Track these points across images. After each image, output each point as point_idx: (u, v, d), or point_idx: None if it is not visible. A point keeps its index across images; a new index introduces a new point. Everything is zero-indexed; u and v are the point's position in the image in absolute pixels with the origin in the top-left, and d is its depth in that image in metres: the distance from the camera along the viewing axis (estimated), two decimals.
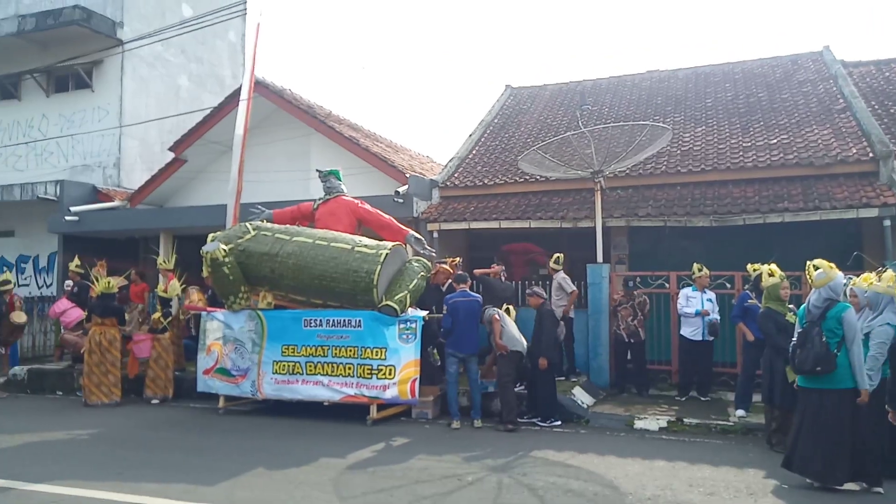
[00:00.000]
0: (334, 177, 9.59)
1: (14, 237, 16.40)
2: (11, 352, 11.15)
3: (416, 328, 7.80)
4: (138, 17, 16.52)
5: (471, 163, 13.10)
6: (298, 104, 13.68)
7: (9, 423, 7.84)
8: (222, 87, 18.47)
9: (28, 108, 17.03)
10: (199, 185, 14.83)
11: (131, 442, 6.97)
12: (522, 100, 15.92)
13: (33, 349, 12.77)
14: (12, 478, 5.41)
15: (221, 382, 8.49)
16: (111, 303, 9.44)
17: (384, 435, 7.12)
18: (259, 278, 8.52)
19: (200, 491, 5.09)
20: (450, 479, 5.48)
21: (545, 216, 10.71)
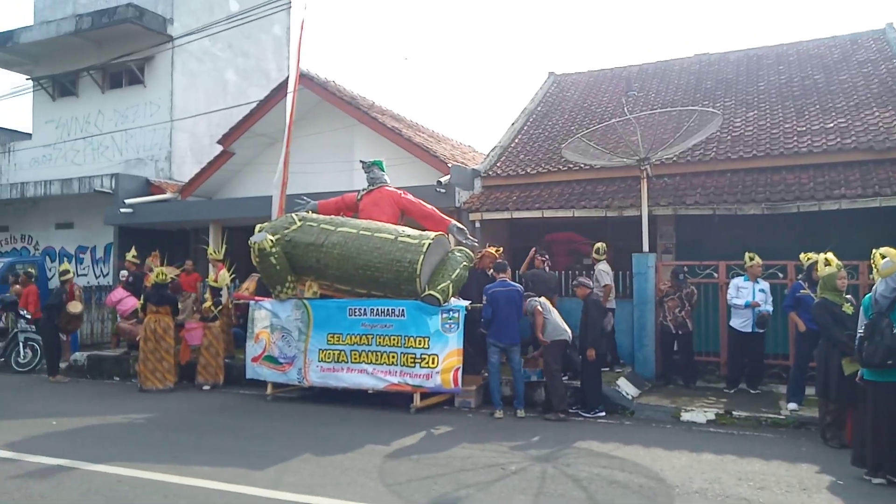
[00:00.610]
0: (378, 167, 9.66)
1: (73, 229, 17.12)
2: (72, 339, 11.67)
3: (458, 318, 7.82)
4: (187, 13, 16.93)
5: (513, 152, 13.00)
6: (342, 96, 13.80)
7: (71, 407, 8.21)
8: (268, 80, 18.79)
9: (85, 104, 17.70)
10: (247, 176, 15.16)
11: (184, 426, 7.22)
12: (566, 87, 15.69)
13: (92, 336, 13.33)
14: (76, 458, 5.68)
15: (269, 370, 8.69)
16: (165, 292, 9.76)
17: (427, 423, 7.18)
18: (305, 268, 8.67)
19: (251, 475, 5.23)
20: (493, 469, 5.50)
21: (589, 205, 10.55)
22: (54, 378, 10.39)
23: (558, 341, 7.66)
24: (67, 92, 17.97)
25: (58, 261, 16.68)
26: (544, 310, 7.71)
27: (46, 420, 7.34)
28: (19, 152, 18.50)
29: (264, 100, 14.32)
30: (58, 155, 17.74)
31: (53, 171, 17.16)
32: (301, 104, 12.54)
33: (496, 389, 7.71)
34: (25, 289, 11.72)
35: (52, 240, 17.41)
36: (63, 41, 16.86)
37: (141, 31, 16.02)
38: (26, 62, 18.30)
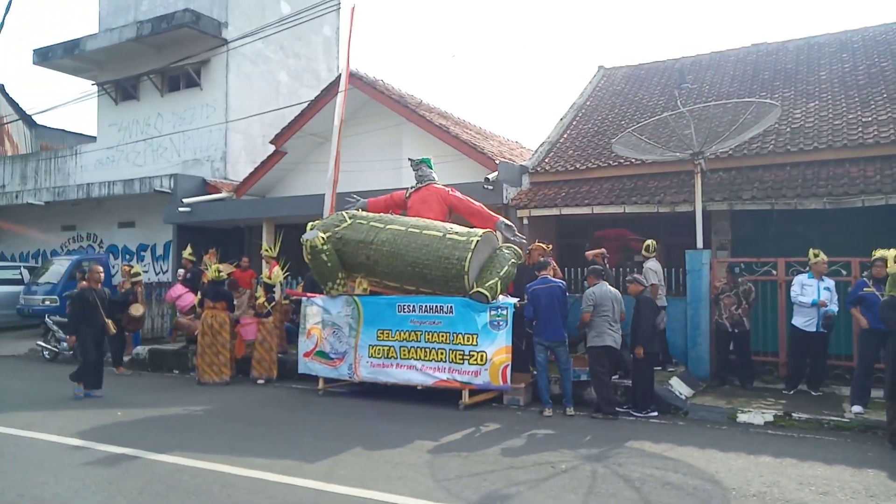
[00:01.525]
0: (426, 165, 9.71)
1: (134, 227, 17.84)
2: (134, 333, 12.16)
3: (507, 315, 7.80)
4: (241, 17, 17.38)
5: (562, 147, 12.86)
6: (390, 94, 13.92)
7: (134, 398, 8.57)
8: (318, 80, 19.12)
9: (145, 107, 18.39)
10: (298, 175, 15.47)
11: (240, 418, 7.44)
12: (616, 81, 15.41)
13: (152, 331, 13.86)
14: (140, 447, 5.93)
15: (321, 365, 8.86)
16: (221, 288, 10.07)
17: (476, 420, 7.20)
18: (355, 265, 8.80)
19: (304, 468, 5.36)
20: (543, 467, 5.47)
21: (640, 201, 10.35)
22: (118, 370, 10.86)
23: (596, 347, 7.53)
24: (129, 96, 18.71)
25: (120, 258, 17.42)
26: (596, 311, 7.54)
27: (112, 411, 7.69)
28: (85, 154, 19.38)
29: (315, 100, 14.58)
30: (120, 157, 18.50)
31: (116, 172, 17.91)
32: (350, 103, 12.71)
33: (544, 388, 7.66)
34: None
35: (115, 238, 18.18)
36: (125, 47, 17.56)
37: (197, 36, 16.54)
38: (92, 68, 19.15)
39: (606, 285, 7.76)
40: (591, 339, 7.56)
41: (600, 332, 7.52)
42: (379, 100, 13.91)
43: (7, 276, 16.19)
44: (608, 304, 7.57)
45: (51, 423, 6.94)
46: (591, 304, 7.54)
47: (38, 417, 7.27)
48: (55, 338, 12.21)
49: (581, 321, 7.63)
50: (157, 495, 4.71)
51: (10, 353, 13.18)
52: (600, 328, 7.52)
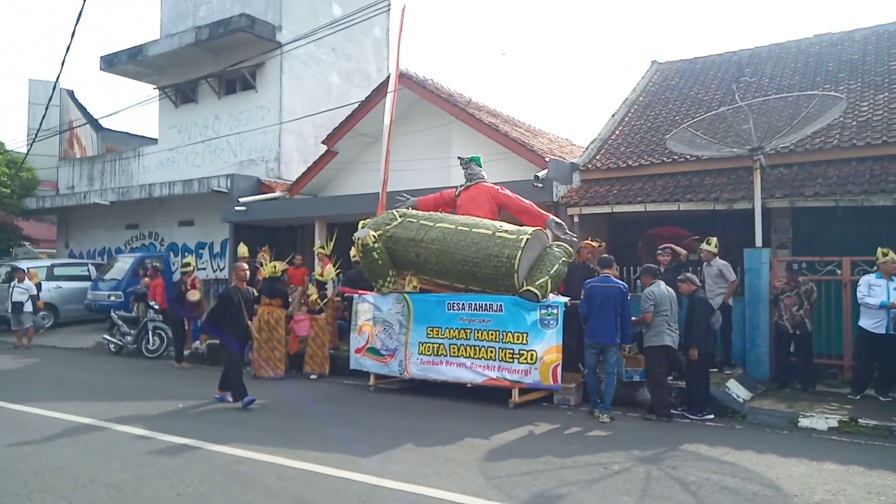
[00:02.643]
0: (475, 163, 9.71)
1: (194, 226, 18.47)
2: (193, 329, 12.60)
3: (557, 314, 7.74)
4: (294, 20, 17.77)
5: (613, 144, 12.66)
6: (440, 93, 13.98)
7: (194, 391, 8.88)
8: (368, 81, 19.37)
9: (203, 109, 19.02)
10: (350, 175, 15.72)
11: (294, 413, 7.62)
12: (670, 75, 15.06)
13: None
14: (200, 438, 6.15)
15: (372, 361, 8.99)
16: (277, 285, 10.33)
17: (526, 419, 7.17)
18: (405, 263, 8.88)
19: (357, 462, 5.45)
20: (595, 468, 5.41)
21: (696, 198, 10.09)
22: (179, 364, 11.27)
23: (654, 346, 7.39)
24: (188, 99, 19.37)
25: (180, 256, 18.07)
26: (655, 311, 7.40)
27: (173, 402, 7.99)
28: (147, 156, 20.18)
29: (365, 100, 14.78)
30: (180, 158, 19.19)
31: (176, 173, 18.59)
32: (400, 103, 12.83)
33: (594, 389, 7.52)
34: (153, 281, 12.79)
35: (176, 236, 18.87)
36: (184, 52, 18.19)
37: (253, 40, 16.99)
38: (153, 73, 19.92)
39: (663, 284, 7.60)
40: (650, 338, 7.41)
41: (659, 332, 7.37)
42: (428, 99, 13.99)
43: (76, 273, 17.00)
44: (667, 304, 7.43)
45: (117, 413, 7.27)
46: (652, 304, 7.41)
47: (106, 408, 7.61)
48: (120, 332, 12.76)
49: (640, 320, 7.49)
50: (217, 485, 4.88)
51: (79, 346, 13.84)
52: (659, 327, 7.37)
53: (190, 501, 4.57)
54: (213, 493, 4.71)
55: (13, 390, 8.64)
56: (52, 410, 7.38)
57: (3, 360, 11.66)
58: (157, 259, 15.58)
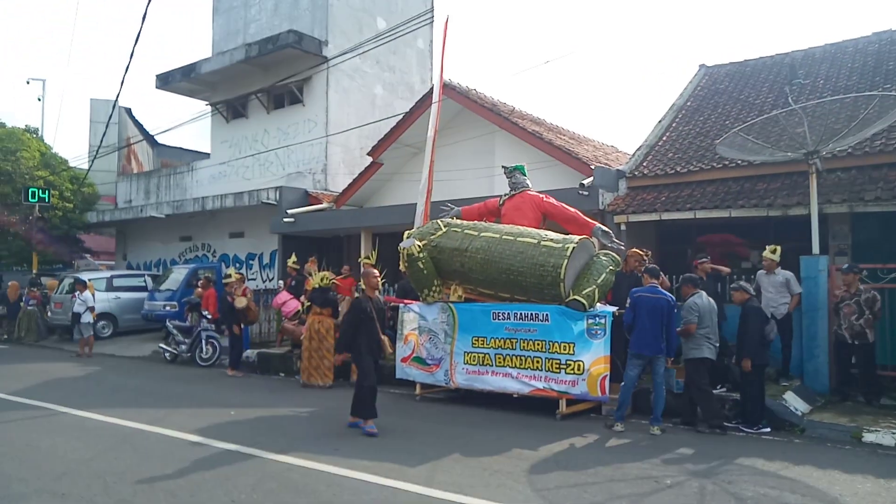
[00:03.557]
0: (519, 172, 9.69)
1: (244, 237, 18.97)
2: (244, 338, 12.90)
3: (605, 323, 7.62)
4: (339, 34, 18.14)
5: (661, 150, 12.44)
6: (483, 103, 14.03)
7: (245, 399, 9.09)
8: (412, 92, 19.59)
9: (253, 124, 19.57)
10: (394, 185, 15.89)
11: (342, 421, 7.66)
12: (719, 79, 14.72)
13: (260, 335, 14.63)
14: (252, 445, 6.29)
15: (417, 370, 9.03)
16: (328, 295, 10.50)
17: (574, 430, 7.07)
18: (450, 272, 8.90)
19: (405, 472, 5.48)
20: (646, 481, 5.29)
21: (748, 204, 9.81)
22: (231, 372, 11.56)
23: (696, 359, 7.21)
24: (238, 114, 19.97)
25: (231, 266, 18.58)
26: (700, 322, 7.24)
27: (226, 410, 8.19)
28: (200, 170, 20.87)
29: (409, 112, 14.95)
30: (231, 171, 19.77)
31: (227, 186, 19.15)
32: (444, 113, 12.92)
33: (625, 402, 7.29)
34: (206, 291, 13.17)
35: (227, 247, 19.42)
36: (235, 69, 18.78)
37: (300, 55, 17.42)
38: (206, 90, 20.63)
39: (705, 295, 7.44)
40: (690, 350, 7.25)
41: (699, 345, 7.22)
42: (472, 109, 14.05)
43: (133, 284, 17.65)
44: (709, 315, 7.28)
45: (173, 420, 7.50)
46: (696, 315, 7.23)
47: (162, 414, 7.87)
48: (175, 341, 13.17)
49: (683, 331, 7.31)
50: (269, 492, 4.98)
51: (136, 354, 14.36)
52: (699, 340, 7.21)
53: None
54: (265, 500, 4.81)
55: (77, 397, 9.01)
56: (113, 416, 7.66)
57: (68, 368, 12.18)
58: (209, 270, 16.05)
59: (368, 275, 7.50)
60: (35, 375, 11.11)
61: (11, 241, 21.30)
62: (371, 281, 7.45)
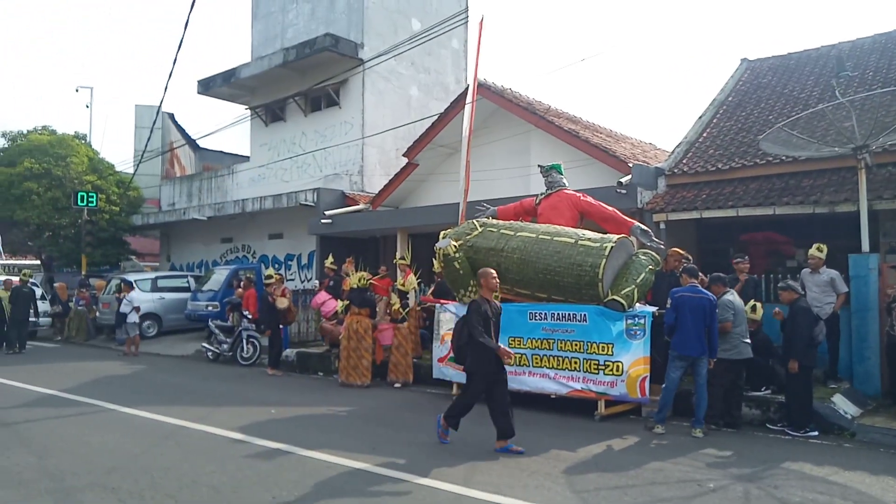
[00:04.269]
0: (556, 171, 9.62)
1: (283, 239, 19.27)
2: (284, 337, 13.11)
3: (644, 324, 7.50)
4: (375, 36, 18.29)
5: (701, 147, 12.19)
6: (518, 102, 13.97)
7: (285, 397, 9.24)
8: (447, 93, 19.61)
9: (291, 127, 19.87)
10: (430, 186, 15.94)
11: (381, 420, 7.77)
12: (761, 73, 14.35)
13: (298, 335, 14.85)
14: (292, 443, 6.38)
15: (454, 371, 9.01)
16: (366, 295, 10.60)
17: (613, 432, 6.98)
18: None
19: (444, 472, 5.49)
20: (688, 484, 5.19)
21: (793, 201, 9.54)
22: (271, 371, 11.75)
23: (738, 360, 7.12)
24: (277, 118, 20.30)
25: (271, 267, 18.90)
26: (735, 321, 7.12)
27: (266, 408, 8.34)
28: (240, 173, 21.28)
29: (444, 112, 14.97)
30: (270, 174, 20.12)
31: (266, 188, 19.48)
32: (479, 113, 12.91)
33: (666, 404, 7.15)
34: (247, 292, 13.43)
35: (266, 248, 19.76)
36: (273, 73, 19.11)
37: (336, 58, 17.62)
38: (245, 94, 21.04)
39: (735, 293, 7.31)
40: (726, 352, 7.13)
41: (735, 345, 7.12)
42: (507, 108, 14.00)
43: (177, 285, 18.10)
44: (742, 314, 7.17)
45: (215, 418, 7.67)
46: (732, 313, 7.12)
47: (205, 412, 8.05)
48: (217, 340, 13.46)
49: (720, 330, 7.16)
50: (309, 489, 5.05)
51: (180, 353, 14.72)
52: (735, 339, 7.10)
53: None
54: (305, 498, 4.88)
55: (124, 395, 9.29)
56: (158, 414, 7.88)
57: (115, 367, 12.57)
58: (249, 271, 16.36)
59: (487, 274, 6.56)
60: (85, 373, 11.50)
61: (62, 243, 22.09)
62: (490, 282, 6.51)
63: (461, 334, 6.37)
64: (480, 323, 6.14)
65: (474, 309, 6.28)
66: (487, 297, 6.49)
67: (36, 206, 20.76)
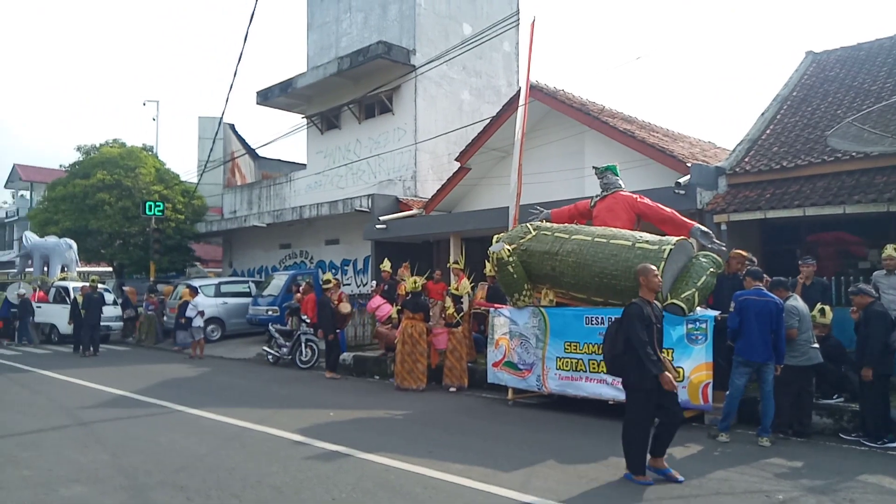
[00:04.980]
0: (611, 172, 9.45)
1: (339, 244, 19.64)
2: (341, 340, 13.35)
3: (706, 328, 7.28)
4: (427, 42, 18.45)
5: (764, 144, 11.76)
6: (571, 103, 13.82)
7: (342, 400, 9.40)
8: (499, 96, 19.59)
9: (346, 134, 20.26)
10: (482, 190, 15.94)
11: (437, 424, 7.81)
12: (828, 66, 13.74)
13: (355, 339, 15.10)
14: (350, 446, 6.49)
15: (509, 375, 8.99)
16: (420, 299, 10.69)
17: (675, 440, 6.74)
18: (541, 276, 8.81)
19: (499, 476, 5.47)
20: (755, 495, 5.00)
21: (865, 199, 9.08)
22: (329, 374, 11.98)
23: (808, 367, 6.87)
24: (332, 125, 20.74)
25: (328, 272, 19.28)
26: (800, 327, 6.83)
27: (325, 411, 8.50)
28: (297, 181, 21.83)
29: (496, 115, 14.96)
30: (326, 181, 20.56)
31: (323, 195, 19.91)
32: (531, 115, 12.83)
33: (730, 412, 6.89)
34: (305, 297, 13.75)
35: (323, 254, 20.18)
36: (328, 82, 19.53)
37: (389, 65, 17.87)
38: (301, 103, 21.58)
39: (799, 298, 7.02)
40: (794, 358, 6.85)
41: (805, 351, 6.84)
42: (560, 110, 13.87)
43: (238, 290, 18.70)
44: (807, 320, 6.89)
45: (277, 420, 7.87)
46: (797, 318, 6.84)
47: (267, 414, 8.28)
48: (277, 344, 13.82)
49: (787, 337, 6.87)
50: (367, 492, 5.12)
51: (242, 356, 15.19)
52: (803, 346, 6.82)
53: None
54: (364, 500, 4.95)
55: (191, 396, 9.66)
56: (222, 415, 8.15)
57: (182, 369, 13.08)
58: (307, 276, 16.74)
59: (647, 272, 5.62)
60: (154, 375, 12.01)
61: (132, 250, 23.17)
62: (651, 281, 5.57)
63: (615, 342, 5.52)
64: (643, 329, 5.24)
65: (635, 313, 5.35)
66: (648, 298, 5.54)
67: (108, 215, 21.87)
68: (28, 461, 5.99)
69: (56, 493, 5.11)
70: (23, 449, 6.47)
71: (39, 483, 5.33)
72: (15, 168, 45.17)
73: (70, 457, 6.15)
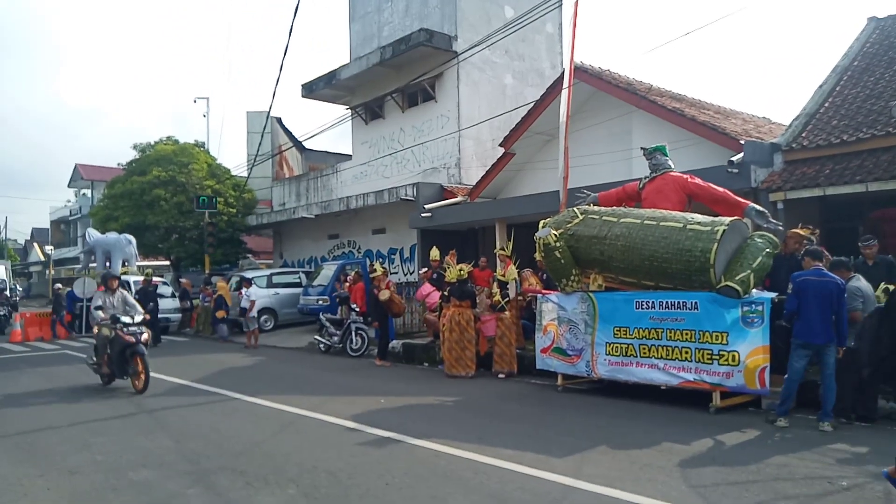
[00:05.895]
0: (660, 152, 9.20)
1: (385, 233, 19.83)
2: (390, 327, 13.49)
3: (762, 311, 7.05)
4: (468, 27, 18.31)
5: (823, 118, 11.25)
6: (618, 83, 13.53)
7: (393, 387, 9.53)
8: (542, 79, 19.32)
9: (390, 124, 20.36)
10: (527, 175, 15.80)
11: (486, 410, 7.83)
12: (893, 32, 13.02)
13: (404, 326, 15.25)
14: (401, 432, 6.58)
15: (558, 361, 8.93)
16: (466, 287, 10.72)
17: (730, 425, 6.63)
18: (589, 261, 8.70)
19: (551, 462, 5.46)
20: (817, 481, 4.85)
21: None
22: (379, 362, 12.16)
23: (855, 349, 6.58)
24: (376, 115, 20.88)
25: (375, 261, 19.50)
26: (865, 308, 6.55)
27: (376, 398, 8.64)
28: (343, 172, 22.11)
29: (540, 99, 14.76)
30: (371, 171, 20.74)
31: (368, 185, 20.11)
32: (576, 97, 12.61)
33: (789, 396, 6.67)
34: (355, 286, 13.96)
35: (370, 243, 20.42)
36: (371, 72, 19.65)
37: (431, 52, 17.83)
38: (345, 94, 21.80)
39: (863, 279, 6.71)
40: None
41: None
42: (605, 90, 13.59)
43: (289, 280, 19.12)
44: (872, 301, 6.61)
45: (330, 407, 8.04)
46: (861, 300, 6.55)
47: (320, 401, 8.47)
48: (328, 333, 14.09)
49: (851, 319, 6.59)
50: (419, 477, 5.19)
51: (294, 345, 15.56)
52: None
53: (397, 491, 4.91)
54: (416, 485, 5.02)
55: (247, 384, 9.96)
56: (277, 403, 8.38)
57: (237, 359, 13.50)
58: (355, 265, 16.98)
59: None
60: (211, 365, 12.43)
61: (187, 244, 23.96)
62: None
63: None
64: None
65: None
66: None
67: (164, 210, 22.66)
68: (99, 446, 6.31)
69: (126, 477, 5.36)
70: (94, 435, 6.82)
71: (110, 468, 5.61)
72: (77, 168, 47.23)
73: (137, 443, 6.45)
